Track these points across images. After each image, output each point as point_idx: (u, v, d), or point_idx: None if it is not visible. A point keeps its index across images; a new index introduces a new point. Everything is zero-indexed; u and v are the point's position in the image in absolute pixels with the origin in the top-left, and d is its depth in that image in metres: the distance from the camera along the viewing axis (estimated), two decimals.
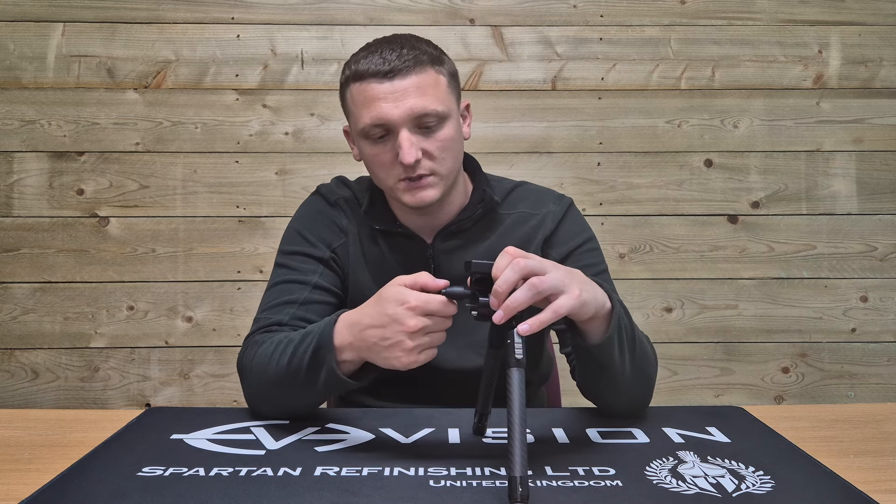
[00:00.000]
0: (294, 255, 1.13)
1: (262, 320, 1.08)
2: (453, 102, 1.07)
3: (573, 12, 2.06)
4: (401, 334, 0.83)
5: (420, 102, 1.01)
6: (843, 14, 2.07)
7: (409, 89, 1.01)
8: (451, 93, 1.07)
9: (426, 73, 1.03)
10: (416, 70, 1.02)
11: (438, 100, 1.03)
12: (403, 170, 1.03)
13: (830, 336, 2.08)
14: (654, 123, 2.06)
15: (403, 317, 0.83)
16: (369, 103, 1.02)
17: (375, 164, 1.06)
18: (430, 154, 1.04)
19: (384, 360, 0.86)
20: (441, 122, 1.04)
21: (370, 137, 1.05)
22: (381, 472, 0.80)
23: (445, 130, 1.04)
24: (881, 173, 2.08)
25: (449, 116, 1.05)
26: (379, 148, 1.05)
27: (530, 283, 0.78)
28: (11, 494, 0.76)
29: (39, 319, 2.02)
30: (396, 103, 1.01)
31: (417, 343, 0.83)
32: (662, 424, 0.97)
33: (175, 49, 2.02)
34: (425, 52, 1.05)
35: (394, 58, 1.02)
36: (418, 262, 1.13)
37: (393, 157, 1.04)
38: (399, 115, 1.01)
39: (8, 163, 2.01)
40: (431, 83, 1.03)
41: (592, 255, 1.15)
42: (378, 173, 1.08)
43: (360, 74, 1.03)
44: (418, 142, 1.02)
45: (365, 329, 0.87)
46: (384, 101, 1.01)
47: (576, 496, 0.74)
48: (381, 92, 1.01)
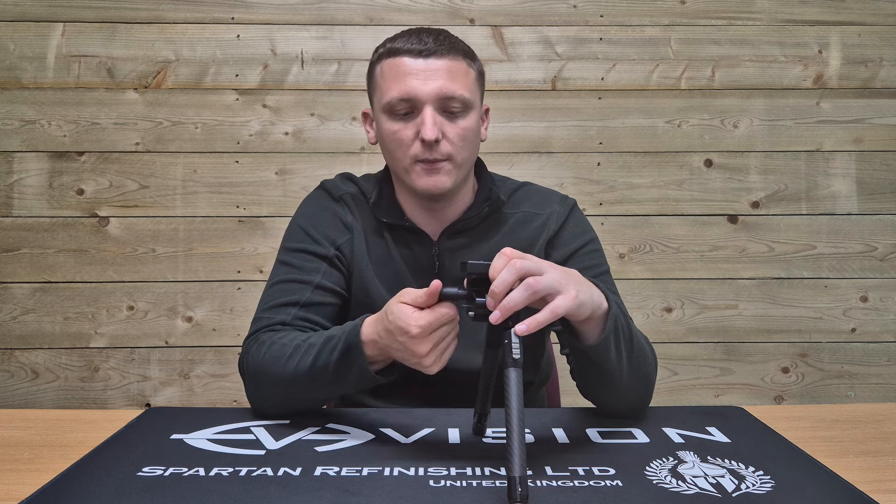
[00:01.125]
0: (297, 252, 1.12)
1: (264, 320, 1.07)
2: (478, 97, 1.10)
3: (573, 12, 2.06)
4: (416, 357, 0.85)
5: (449, 85, 1.04)
6: (843, 14, 2.07)
7: (440, 70, 1.04)
8: (477, 88, 1.10)
9: (459, 61, 1.06)
10: (451, 55, 1.05)
11: (466, 88, 1.06)
12: (422, 149, 1.04)
13: (830, 336, 2.08)
14: (654, 123, 2.06)
15: (412, 345, 0.84)
16: (399, 77, 1.04)
17: (394, 141, 1.07)
18: (449, 139, 1.05)
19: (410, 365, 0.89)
20: (465, 111, 1.06)
21: (394, 112, 1.06)
22: (381, 472, 0.80)
23: (468, 120, 1.06)
24: (881, 173, 2.08)
25: (473, 107, 1.07)
26: (401, 124, 1.06)
27: (526, 282, 0.78)
28: (11, 494, 0.75)
29: (39, 319, 2.02)
30: (426, 81, 1.03)
31: (434, 358, 0.85)
32: (662, 424, 0.97)
33: (175, 49, 2.02)
34: (460, 45, 1.08)
35: (430, 40, 1.05)
36: (423, 260, 1.13)
37: (413, 135, 1.05)
38: (427, 93, 1.03)
39: (8, 163, 2.01)
40: (462, 71, 1.06)
41: (595, 256, 1.15)
42: (395, 152, 1.08)
43: (395, 51, 1.06)
44: (441, 123, 1.04)
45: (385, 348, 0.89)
46: (415, 77, 1.03)
47: (576, 496, 0.74)
48: (413, 68, 1.04)
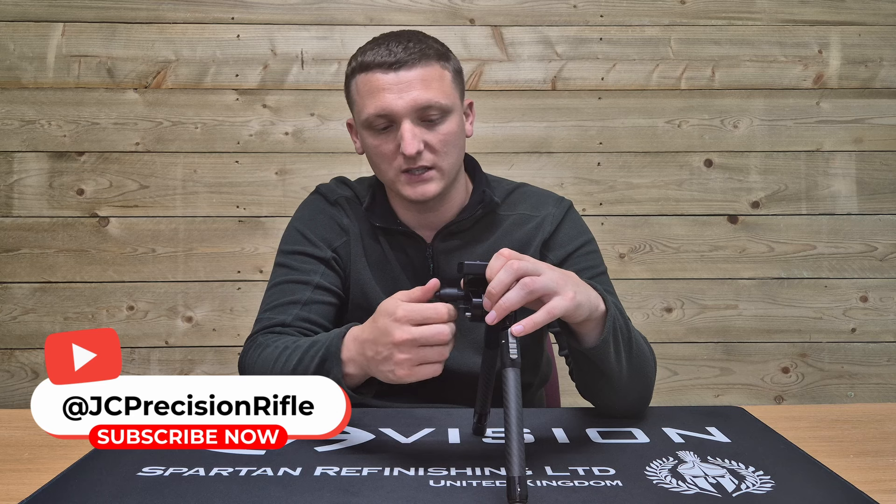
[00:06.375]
0: (295, 254, 1.13)
1: (264, 320, 1.08)
2: (457, 98, 1.08)
3: (573, 12, 2.06)
4: (389, 347, 0.81)
5: (424, 94, 1.02)
6: (843, 14, 2.07)
7: (413, 81, 1.02)
8: (455, 88, 1.08)
9: (431, 67, 1.04)
10: (422, 63, 1.03)
11: (442, 93, 1.04)
12: (405, 161, 1.04)
13: (830, 336, 2.08)
14: (654, 123, 2.06)
15: (391, 328, 0.81)
16: (374, 93, 1.03)
17: (377, 155, 1.07)
18: (431, 147, 1.04)
19: (382, 375, 0.85)
20: (444, 116, 1.05)
21: (373, 128, 1.05)
22: (381, 472, 0.80)
23: (448, 125, 1.05)
24: (881, 173, 2.08)
25: (452, 111, 1.06)
26: (381, 139, 1.05)
27: (523, 282, 0.78)
28: (11, 494, 0.76)
29: (39, 319, 2.01)
30: (400, 94, 1.02)
31: (407, 356, 0.80)
32: (662, 424, 0.97)
33: (175, 49, 2.02)
34: (431, 47, 1.06)
35: (399, 50, 1.03)
36: (418, 263, 1.13)
37: (395, 149, 1.04)
38: (402, 106, 1.02)
39: (8, 163, 2.01)
40: (436, 77, 1.04)
41: (591, 257, 1.15)
42: (380, 165, 1.08)
43: (366, 65, 1.04)
44: (420, 133, 1.03)
45: (362, 344, 0.86)
46: (388, 91, 1.02)
47: (576, 496, 0.74)
48: (385, 82, 1.02)
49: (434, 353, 0.81)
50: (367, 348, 0.85)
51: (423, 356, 0.81)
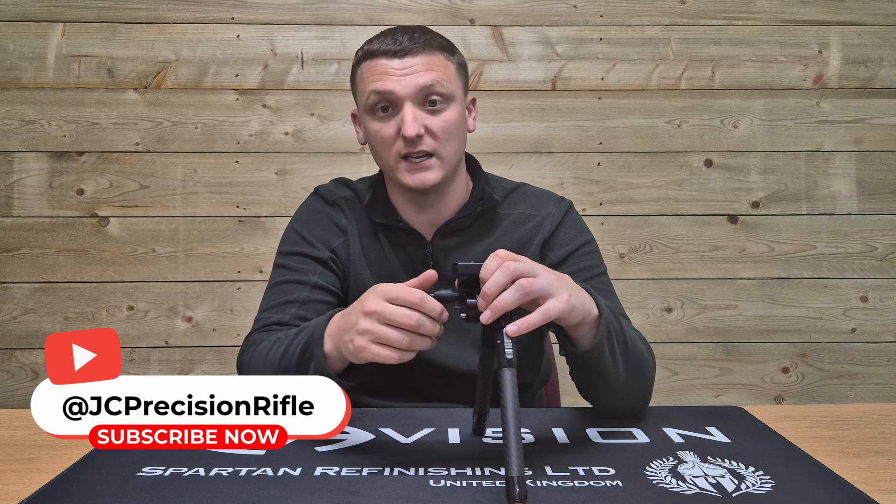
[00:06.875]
0: (293, 255, 1.14)
1: (262, 320, 1.09)
2: (460, 89, 1.09)
3: (573, 12, 2.06)
4: (357, 314, 0.82)
5: (426, 77, 1.03)
6: (843, 14, 2.07)
7: (416, 66, 1.04)
8: (458, 79, 1.09)
9: (435, 56, 1.06)
10: (426, 51, 1.05)
11: (445, 79, 1.05)
12: (405, 145, 1.04)
13: (830, 336, 2.08)
14: (654, 123, 2.06)
15: (365, 298, 0.82)
16: (377, 77, 1.04)
17: (378, 140, 1.07)
18: (432, 133, 1.05)
19: (344, 347, 0.84)
20: (447, 104, 1.06)
21: (375, 112, 1.06)
22: (381, 472, 0.80)
23: (450, 113, 1.06)
24: (881, 173, 2.08)
25: (454, 99, 1.07)
26: (382, 123, 1.06)
27: (518, 283, 0.78)
28: (11, 494, 0.76)
29: (39, 319, 2.01)
30: (403, 77, 1.03)
31: (368, 327, 0.80)
32: (662, 424, 0.97)
33: (175, 49, 2.02)
34: (436, 40, 1.07)
35: (405, 39, 1.05)
36: (417, 260, 1.13)
37: (395, 133, 1.05)
38: (404, 88, 1.03)
39: (8, 163, 2.01)
40: (440, 64, 1.06)
41: (591, 257, 1.15)
42: (380, 151, 1.08)
43: (372, 53, 1.06)
44: (422, 118, 1.04)
45: (341, 316, 0.87)
46: (392, 75, 1.04)
47: (576, 496, 0.74)
48: (389, 67, 1.04)
49: (396, 336, 0.79)
50: (342, 320, 0.87)
51: (383, 334, 0.80)
